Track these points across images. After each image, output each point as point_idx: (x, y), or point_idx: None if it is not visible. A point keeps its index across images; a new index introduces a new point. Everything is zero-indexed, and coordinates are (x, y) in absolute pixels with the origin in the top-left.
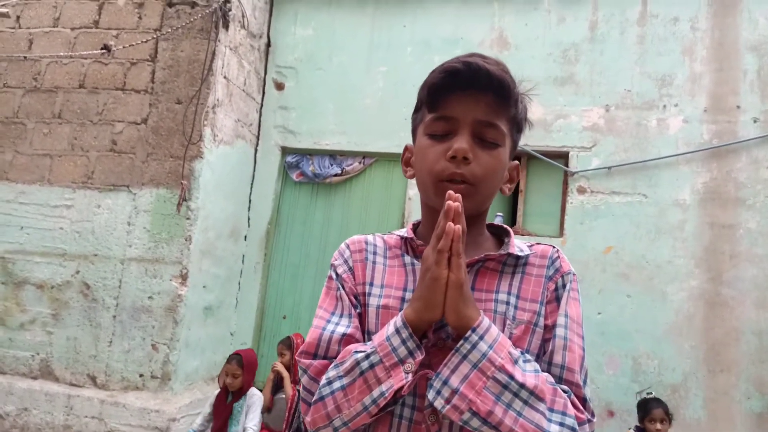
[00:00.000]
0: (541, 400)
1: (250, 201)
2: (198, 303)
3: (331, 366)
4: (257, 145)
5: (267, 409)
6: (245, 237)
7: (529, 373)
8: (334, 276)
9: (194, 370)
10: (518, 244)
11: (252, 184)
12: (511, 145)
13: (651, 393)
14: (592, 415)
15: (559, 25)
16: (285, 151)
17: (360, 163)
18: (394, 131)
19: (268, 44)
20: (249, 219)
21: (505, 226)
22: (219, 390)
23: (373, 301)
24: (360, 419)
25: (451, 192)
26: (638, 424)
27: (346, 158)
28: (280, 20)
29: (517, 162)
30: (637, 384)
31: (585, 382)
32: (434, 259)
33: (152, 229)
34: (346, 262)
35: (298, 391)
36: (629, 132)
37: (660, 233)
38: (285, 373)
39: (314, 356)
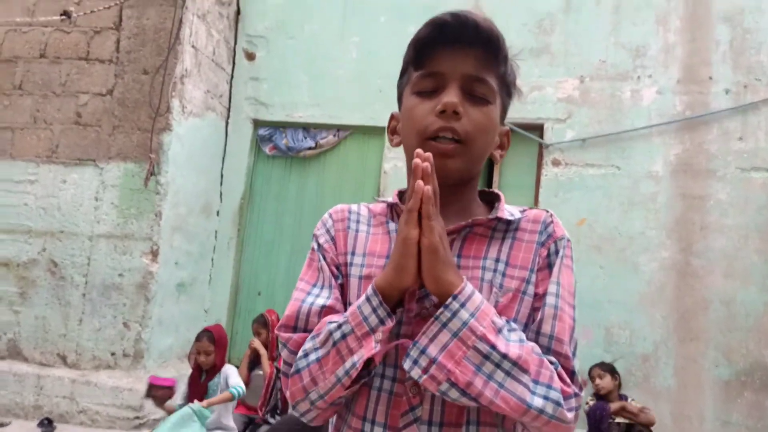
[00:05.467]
0: (524, 371)
1: (221, 175)
2: (170, 280)
3: (308, 338)
4: (228, 117)
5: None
6: (217, 212)
7: (513, 343)
8: (315, 247)
9: (168, 347)
10: (509, 209)
11: (224, 157)
12: (501, 106)
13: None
14: (580, 388)
15: None
16: (257, 123)
17: (334, 135)
18: (369, 103)
19: (238, 12)
20: (221, 194)
21: (497, 191)
22: (192, 371)
23: (355, 271)
24: (335, 392)
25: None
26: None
27: (320, 131)
28: None
29: (507, 128)
30: (609, 354)
31: (574, 354)
32: (403, 220)
33: (121, 205)
34: (327, 231)
35: (276, 368)
36: (603, 103)
37: (632, 205)
38: (262, 350)
39: (294, 329)
